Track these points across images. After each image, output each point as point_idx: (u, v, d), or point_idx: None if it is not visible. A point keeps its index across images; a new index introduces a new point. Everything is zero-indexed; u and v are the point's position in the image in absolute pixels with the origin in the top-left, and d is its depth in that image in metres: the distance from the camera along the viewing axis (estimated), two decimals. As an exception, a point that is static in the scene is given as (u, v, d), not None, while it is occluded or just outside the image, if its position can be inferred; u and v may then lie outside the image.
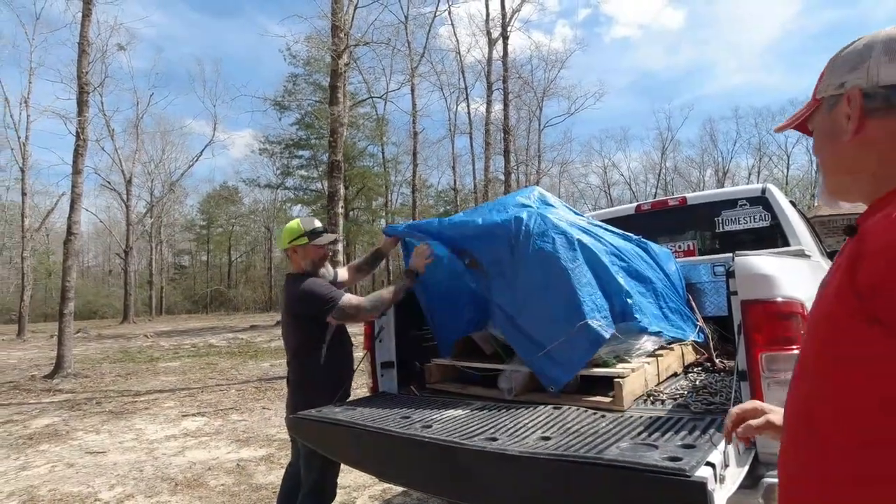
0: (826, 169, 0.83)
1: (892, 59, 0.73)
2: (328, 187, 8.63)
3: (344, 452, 1.96)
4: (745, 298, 1.57)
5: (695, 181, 44.87)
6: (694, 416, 1.70)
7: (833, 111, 0.79)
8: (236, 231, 49.92)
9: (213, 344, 15.49)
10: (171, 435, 5.30)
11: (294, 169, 24.54)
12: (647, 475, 1.19)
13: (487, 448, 1.48)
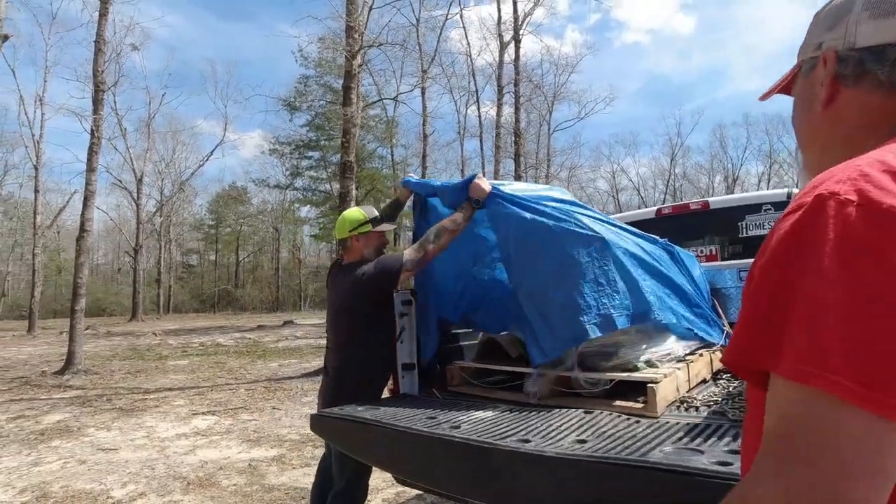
0: (801, 142, 0.72)
1: (872, 14, 0.60)
2: (340, 188, 8.62)
3: (368, 451, 1.92)
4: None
5: (704, 187, 44.63)
6: (732, 422, 1.65)
7: (809, 76, 0.67)
8: (244, 231, 50.17)
9: (221, 343, 15.53)
10: (182, 433, 5.28)
11: (304, 170, 24.61)
12: (699, 479, 1.14)
13: (523, 449, 1.44)
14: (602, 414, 1.81)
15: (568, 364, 2.08)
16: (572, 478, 1.33)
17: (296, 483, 3.88)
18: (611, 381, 1.99)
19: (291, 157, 24.76)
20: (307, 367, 9.51)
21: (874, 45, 0.60)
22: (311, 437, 5.04)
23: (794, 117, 0.73)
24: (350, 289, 2.36)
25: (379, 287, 2.31)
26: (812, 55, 0.67)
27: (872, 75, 0.60)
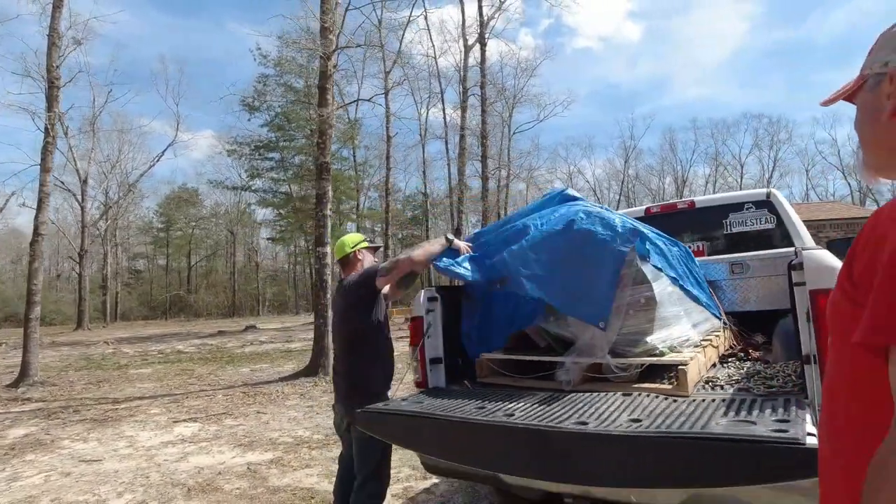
0: (865, 145, 0.83)
1: None
2: (317, 189, 8.54)
3: (421, 442, 2.00)
4: (814, 288, 1.72)
5: (655, 189, 46.52)
6: (758, 396, 1.84)
7: (876, 89, 0.78)
8: (196, 234, 48.39)
9: (181, 350, 15.00)
10: (168, 441, 5.13)
11: (263, 171, 23.97)
12: (765, 445, 1.30)
13: (591, 430, 1.57)
14: (640, 395, 1.97)
15: (598, 353, 2.23)
16: (642, 454, 1.46)
17: (299, 483, 3.87)
18: (641, 365, 2.15)
19: (251, 157, 24.10)
20: (282, 371, 9.35)
21: None
22: (305, 439, 5.02)
23: (857, 122, 0.84)
24: (346, 295, 2.63)
25: (364, 288, 2.54)
26: (879, 71, 0.78)
27: None
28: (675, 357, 2.10)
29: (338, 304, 2.69)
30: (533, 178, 42.26)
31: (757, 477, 1.31)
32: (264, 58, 23.28)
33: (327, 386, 7.71)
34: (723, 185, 45.61)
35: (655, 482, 1.51)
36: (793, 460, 1.26)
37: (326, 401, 6.74)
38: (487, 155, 17.36)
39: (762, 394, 1.89)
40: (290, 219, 25.94)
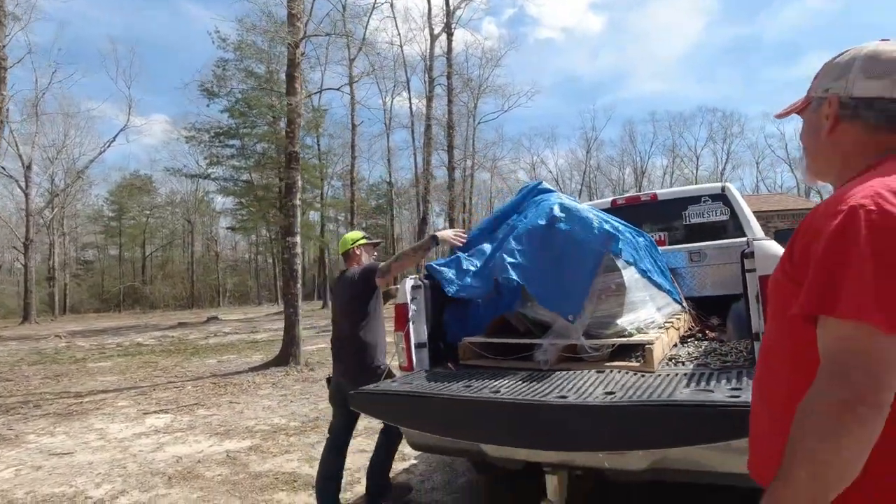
0: (808, 154, 1.02)
1: (867, 75, 0.89)
2: (286, 178, 8.48)
3: (414, 419, 2.14)
4: (763, 274, 1.95)
5: (615, 179, 47.80)
6: (717, 371, 2.07)
7: (818, 110, 0.96)
8: (151, 223, 46.61)
9: (141, 343, 14.59)
10: (141, 433, 5.10)
11: (224, 159, 23.26)
12: (722, 409, 1.51)
13: (571, 402, 1.75)
14: (612, 372, 2.18)
15: (573, 335, 2.43)
16: (619, 421, 1.66)
17: (281, 468, 3.97)
18: (612, 345, 2.36)
19: (210, 145, 23.32)
20: (251, 362, 9.29)
21: (865, 96, 0.89)
22: (282, 426, 5.09)
23: (802, 134, 1.03)
24: (349, 287, 3.09)
25: (363, 283, 3.02)
26: (821, 95, 0.96)
27: (864, 118, 0.90)
28: (643, 338, 2.31)
29: (340, 293, 3.15)
30: (497, 167, 42.64)
31: (715, 436, 1.52)
32: (223, 41, 22.57)
33: (299, 375, 7.75)
34: (679, 177, 47.35)
35: (629, 445, 1.71)
36: (744, 421, 1.47)
37: (299, 389, 6.80)
38: (454, 145, 17.49)
39: (718, 368, 2.12)
40: (252, 208, 25.33)
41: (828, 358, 0.77)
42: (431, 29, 17.70)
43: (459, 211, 20.96)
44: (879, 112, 0.89)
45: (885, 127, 0.90)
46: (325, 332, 14.48)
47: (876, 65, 0.90)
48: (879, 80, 0.89)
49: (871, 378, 0.72)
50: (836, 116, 0.93)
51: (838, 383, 0.74)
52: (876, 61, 0.90)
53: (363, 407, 2.27)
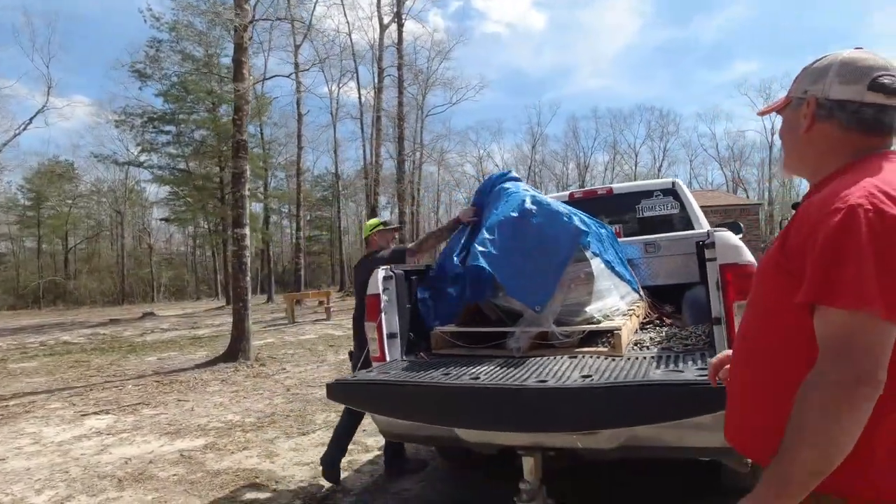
0: (785, 151, 1.11)
1: (841, 80, 0.98)
2: (234, 168, 8.12)
3: (394, 408, 2.15)
4: (723, 263, 2.10)
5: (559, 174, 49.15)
6: (681, 353, 2.22)
7: (797, 109, 1.05)
8: (74, 213, 43.29)
9: (69, 341, 13.61)
10: (81, 435, 4.80)
11: (159, 146, 21.96)
12: (694, 387, 1.63)
13: (552, 385, 1.83)
14: (584, 357, 2.28)
15: (544, 323, 2.52)
16: (600, 401, 1.75)
17: (240, 465, 3.86)
18: (582, 332, 2.47)
19: (143, 130, 21.95)
20: (195, 359, 8.91)
21: (839, 98, 0.98)
22: (237, 423, 4.94)
23: (782, 132, 1.12)
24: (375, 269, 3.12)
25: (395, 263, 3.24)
26: (800, 96, 1.05)
27: (837, 118, 0.99)
28: (610, 324, 2.44)
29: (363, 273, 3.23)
30: (445, 160, 42.76)
31: (689, 411, 1.65)
32: (157, 20, 21.29)
33: (249, 370, 7.52)
34: (619, 173, 49.32)
35: (609, 423, 1.81)
36: (714, 396, 1.60)
37: (251, 385, 6.60)
38: (404, 137, 17.38)
39: (681, 350, 2.28)
40: (191, 198, 24.16)
41: (830, 342, 0.85)
42: (381, 18, 17.48)
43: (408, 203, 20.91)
44: (851, 114, 0.99)
45: (856, 129, 0.99)
46: (272, 327, 14.09)
47: (849, 71, 0.99)
48: (852, 85, 0.98)
49: (872, 359, 0.81)
50: (813, 116, 1.02)
51: (842, 365, 0.82)
52: (850, 67, 1.00)
53: (342, 397, 2.26)
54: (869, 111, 0.97)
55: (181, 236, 46.92)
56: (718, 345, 2.14)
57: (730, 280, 2.07)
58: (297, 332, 12.32)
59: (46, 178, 40.80)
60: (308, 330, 12.78)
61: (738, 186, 49.33)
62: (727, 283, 2.08)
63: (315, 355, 8.74)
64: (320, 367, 7.69)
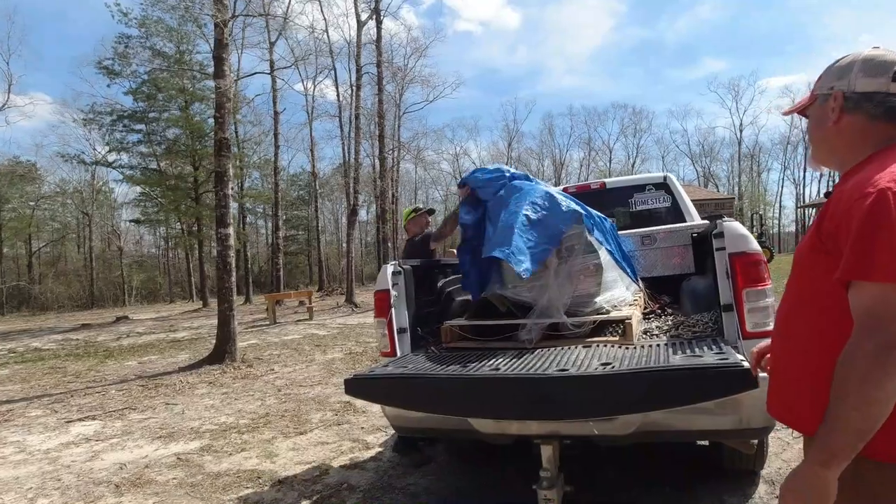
0: (814, 145, 1.20)
1: (866, 74, 1.08)
2: (216, 167, 7.95)
3: (417, 401, 2.16)
4: (732, 251, 2.18)
5: (535, 171, 49.55)
6: (691, 340, 2.29)
7: (824, 105, 1.14)
8: (38, 216, 41.70)
9: (39, 348, 13.13)
10: (69, 442, 4.66)
11: (131, 145, 21.32)
12: (718, 370, 1.69)
13: (577, 374, 1.87)
14: (598, 346, 2.33)
15: (555, 314, 2.56)
16: (625, 386, 1.80)
17: (241, 466, 3.82)
18: (593, 322, 2.52)
19: (112, 129, 21.30)
20: (178, 362, 8.72)
21: (865, 91, 1.08)
22: (231, 424, 4.87)
23: (810, 128, 1.21)
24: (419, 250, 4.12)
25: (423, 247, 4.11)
26: (826, 92, 1.14)
27: (864, 109, 1.08)
28: (620, 314, 2.49)
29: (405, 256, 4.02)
30: (421, 158, 42.68)
31: (714, 393, 1.71)
32: (124, 15, 20.65)
33: (237, 372, 7.40)
34: (594, 169, 50.05)
35: (635, 408, 1.86)
36: (738, 377, 1.67)
37: (241, 387, 6.51)
38: (384, 135, 17.27)
39: (691, 338, 2.35)
40: (164, 199, 23.55)
41: (864, 314, 0.93)
42: (358, 15, 17.31)
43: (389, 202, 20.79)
44: (878, 104, 1.07)
45: (882, 118, 1.07)
46: (254, 328, 13.87)
47: (873, 66, 1.08)
48: (876, 78, 1.07)
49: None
50: (842, 108, 1.10)
51: (878, 334, 0.90)
52: (872, 63, 1.09)
53: (361, 393, 2.26)
54: (894, 100, 1.06)
55: (152, 238, 45.79)
56: (727, 331, 2.22)
57: (739, 268, 2.15)
58: (279, 333, 12.16)
59: (7, 179, 39.15)
60: (291, 330, 12.63)
61: (709, 181, 50.63)
62: (736, 272, 2.15)
63: (302, 355, 8.66)
64: (309, 366, 7.62)
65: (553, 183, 48.43)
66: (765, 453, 2.77)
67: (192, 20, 18.64)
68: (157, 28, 21.24)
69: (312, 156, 29.53)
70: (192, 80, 21.70)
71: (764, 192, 53.20)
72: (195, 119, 21.95)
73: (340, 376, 6.65)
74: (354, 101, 18.14)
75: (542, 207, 2.61)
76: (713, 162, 53.29)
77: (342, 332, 11.43)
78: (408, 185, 50.41)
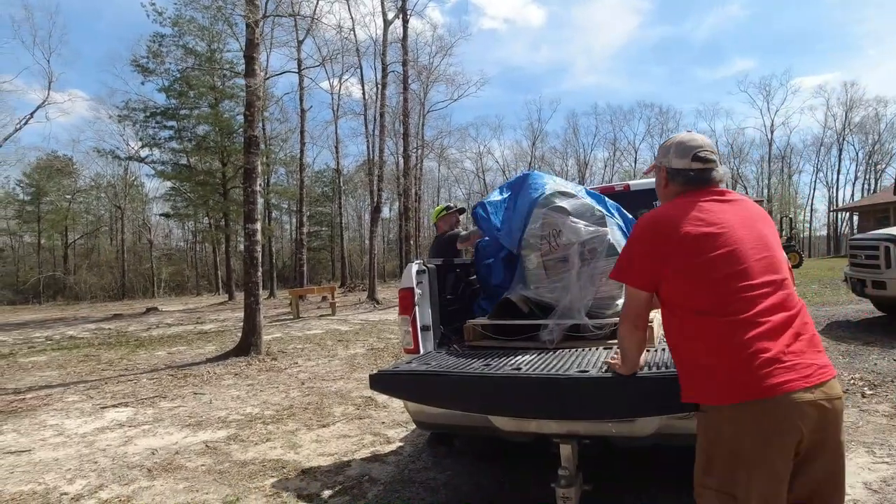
0: (658, 195, 1.78)
1: (677, 156, 1.65)
2: (245, 163, 8.15)
3: (440, 398, 2.22)
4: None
5: (558, 170, 49.18)
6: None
7: (659, 171, 1.73)
8: (74, 209, 43.18)
9: (74, 336, 13.65)
10: (103, 427, 4.87)
11: (163, 141, 21.92)
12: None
13: (598, 376, 1.90)
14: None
15: (577, 316, 2.59)
16: (650, 388, 1.82)
17: (266, 456, 3.94)
18: (614, 324, 2.54)
19: (145, 125, 21.92)
20: (205, 353, 8.98)
21: (677, 168, 1.65)
22: (257, 415, 5.02)
23: (656, 185, 1.79)
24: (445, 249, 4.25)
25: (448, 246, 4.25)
26: (658, 164, 1.73)
27: (677, 180, 1.66)
28: (644, 316, 2.51)
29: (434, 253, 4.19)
30: (445, 156, 42.78)
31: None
32: (159, 15, 21.24)
33: (262, 365, 7.59)
34: (619, 170, 49.43)
35: (652, 411, 1.89)
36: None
37: (266, 379, 6.68)
38: (409, 133, 17.40)
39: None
40: (193, 194, 24.14)
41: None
42: (385, 14, 17.45)
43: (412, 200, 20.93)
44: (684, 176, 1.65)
45: (686, 184, 1.64)
46: (277, 322, 14.16)
47: (682, 149, 1.65)
48: (683, 159, 1.64)
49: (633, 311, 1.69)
50: (666, 178, 1.70)
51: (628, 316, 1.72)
52: (682, 147, 1.66)
53: (384, 388, 2.32)
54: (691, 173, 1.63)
55: (180, 231, 46.95)
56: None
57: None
58: (302, 328, 12.39)
59: (45, 173, 40.70)
60: (314, 325, 12.84)
61: (738, 183, 49.45)
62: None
63: (324, 350, 8.82)
64: (331, 361, 7.76)
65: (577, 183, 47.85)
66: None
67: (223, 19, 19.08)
68: (190, 27, 21.77)
69: (337, 153, 29.90)
70: (223, 78, 22.19)
71: (795, 194, 51.81)
72: (224, 116, 22.43)
73: (362, 371, 6.77)
74: (379, 99, 18.30)
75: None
76: (742, 163, 52.05)
77: (364, 328, 11.59)
78: (431, 184, 50.60)
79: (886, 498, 2.65)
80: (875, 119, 48.24)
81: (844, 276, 7.76)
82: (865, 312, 8.28)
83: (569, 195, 2.83)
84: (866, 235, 7.10)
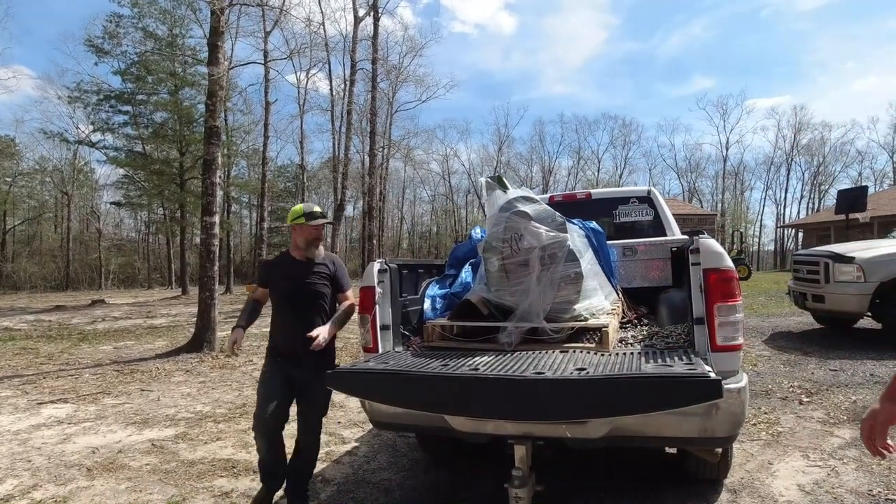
0: None
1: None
2: (204, 154, 7.89)
3: (396, 397, 2.21)
4: (707, 267, 2.26)
5: (523, 176, 49.86)
6: (664, 350, 2.38)
7: None
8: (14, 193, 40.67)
9: (11, 328, 12.87)
10: (39, 424, 4.60)
11: (117, 126, 20.93)
12: (686, 380, 1.78)
13: (553, 377, 1.94)
14: (574, 352, 2.40)
15: (535, 319, 2.63)
16: (597, 391, 1.87)
17: (216, 455, 3.82)
18: (571, 328, 2.60)
19: (97, 108, 20.89)
20: (155, 348, 8.63)
21: None
22: (207, 414, 4.86)
23: None
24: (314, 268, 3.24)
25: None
26: None
27: None
28: (598, 322, 2.57)
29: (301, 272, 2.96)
30: (411, 157, 42.67)
31: (680, 401, 1.79)
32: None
33: (215, 361, 7.35)
34: (582, 178, 50.54)
35: (606, 413, 1.93)
36: (705, 388, 1.75)
37: (218, 376, 6.48)
38: (376, 132, 17.27)
39: (664, 348, 2.44)
40: (148, 183, 23.19)
41: None
42: (356, 10, 17.28)
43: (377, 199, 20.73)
44: None
45: None
46: (233, 318, 13.73)
47: None
48: None
49: None
50: None
51: None
52: None
53: (340, 386, 2.30)
54: None
55: (132, 222, 45.04)
56: (698, 343, 2.30)
57: (713, 283, 2.24)
58: (259, 324, 12.02)
59: (-18, 153, 38.17)
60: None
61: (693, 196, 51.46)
62: (710, 286, 2.24)
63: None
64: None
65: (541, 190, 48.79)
66: (729, 462, 2.88)
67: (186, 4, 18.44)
68: (151, 9, 20.97)
69: (302, 148, 29.37)
70: (184, 65, 21.43)
71: (746, 209, 54.28)
72: (184, 104, 21.67)
73: (319, 371, 6.66)
74: (347, 96, 18.10)
75: None
76: (699, 178, 54.22)
77: (323, 326, 11.40)
78: (397, 184, 50.39)
79: (818, 499, 2.80)
80: (821, 142, 51.21)
81: (788, 290, 8.18)
82: (806, 324, 8.76)
83: (531, 200, 2.87)
84: (808, 251, 7.52)
